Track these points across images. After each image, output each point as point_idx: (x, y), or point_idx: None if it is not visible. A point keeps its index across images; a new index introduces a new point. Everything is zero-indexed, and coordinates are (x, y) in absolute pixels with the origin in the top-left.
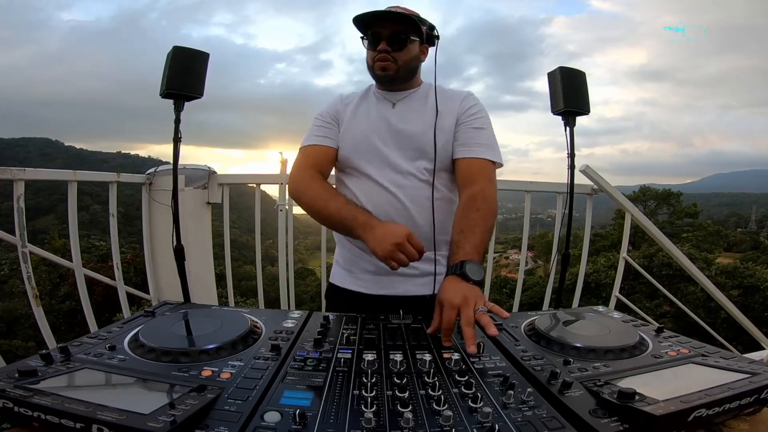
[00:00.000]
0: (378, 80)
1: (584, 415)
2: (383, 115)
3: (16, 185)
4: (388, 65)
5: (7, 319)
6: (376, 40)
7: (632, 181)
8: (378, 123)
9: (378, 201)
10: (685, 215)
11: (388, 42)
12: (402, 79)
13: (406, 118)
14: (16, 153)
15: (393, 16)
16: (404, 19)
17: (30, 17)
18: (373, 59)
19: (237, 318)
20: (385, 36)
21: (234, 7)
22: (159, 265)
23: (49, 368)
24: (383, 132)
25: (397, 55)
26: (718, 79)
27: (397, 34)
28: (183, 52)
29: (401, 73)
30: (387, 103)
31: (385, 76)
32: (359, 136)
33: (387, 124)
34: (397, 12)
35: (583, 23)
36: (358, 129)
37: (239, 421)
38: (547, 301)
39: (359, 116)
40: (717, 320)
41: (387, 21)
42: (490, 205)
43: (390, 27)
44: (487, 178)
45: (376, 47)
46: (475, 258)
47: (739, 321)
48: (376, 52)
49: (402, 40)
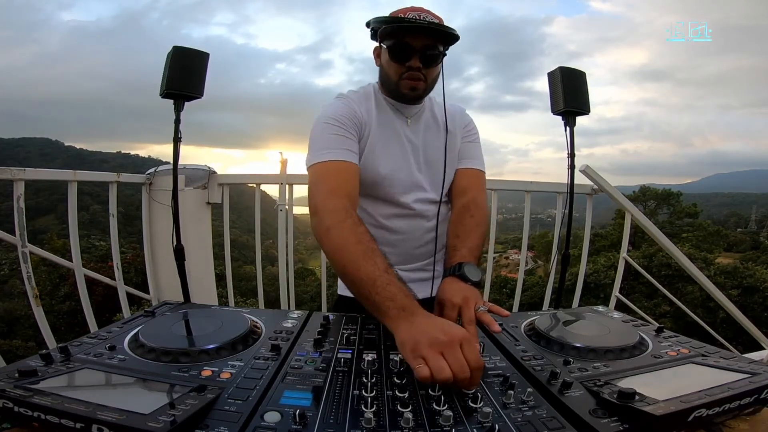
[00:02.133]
0: (402, 99)
1: (584, 415)
2: (404, 135)
3: (16, 185)
4: (418, 85)
5: (7, 319)
6: (405, 54)
7: (632, 181)
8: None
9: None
10: (685, 215)
11: (421, 58)
12: (424, 98)
13: (424, 138)
14: (16, 153)
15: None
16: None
17: (30, 17)
18: (399, 75)
19: (237, 318)
20: (418, 50)
21: (235, 6)
22: (159, 265)
23: (49, 368)
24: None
25: (428, 72)
26: (719, 79)
27: (430, 47)
28: (183, 52)
29: (428, 91)
30: (402, 118)
31: (414, 96)
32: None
33: (411, 146)
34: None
35: (584, 23)
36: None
37: (239, 421)
38: (547, 301)
39: (385, 133)
40: (716, 320)
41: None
42: (483, 213)
43: (423, 40)
44: (479, 187)
45: (405, 62)
46: (471, 261)
47: (739, 321)
48: (405, 68)
49: (436, 57)
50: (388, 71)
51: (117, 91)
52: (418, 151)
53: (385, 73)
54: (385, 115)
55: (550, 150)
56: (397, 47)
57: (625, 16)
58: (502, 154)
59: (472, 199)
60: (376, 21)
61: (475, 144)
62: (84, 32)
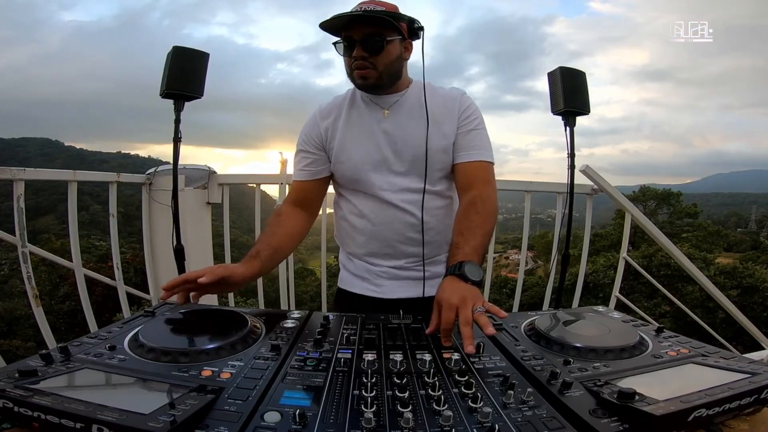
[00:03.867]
0: (360, 89)
1: (584, 415)
2: (378, 127)
3: (16, 185)
4: (367, 73)
5: (7, 319)
6: (349, 46)
7: (633, 181)
8: (375, 137)
9: (385, 217)
10: (685, 215)
11: (363, 47)
12: (387, 85)
13: (403, 128)
14: (16, 153)
15: (360, 19)
16: (374, 20)
17: (31, 16)
18: (351, 67)
19: (237, 318)
20: (358, 40)
21: (236, 6)
22: (159, 265)
23: (49, 368)
24: (383, 146)
25: (375, 60)
26: (720, 79)
27: (371, 36)
28: (183, 52)
29: (384, 79)
30: (378, 110)
31: (367, 85)
32: (359, 155)
33: (386, 137)
34: (363, 13)
35: (585, 23)
36: (356, 146)
37: (239, 421)
38: (547, 301)
39: (352, 130)
40: (716, 320)
41: (357, 23)
42: (490, 208)
43: (362, 29)
44: (486, 180)
45: (351, 53)
46: (474, 259)
47: (739, 321)
48: (352, 58)
49: (377, 42)
50: (344, 66)
51: (117, 91)
52: (395, 142)
53: (345, 69)
54: (358, 112)
55: (550, 150)
56: (342, 41)
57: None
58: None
59: (479, 194)
60: (321, 23)
61: (477, 132)
62: (85, 32)
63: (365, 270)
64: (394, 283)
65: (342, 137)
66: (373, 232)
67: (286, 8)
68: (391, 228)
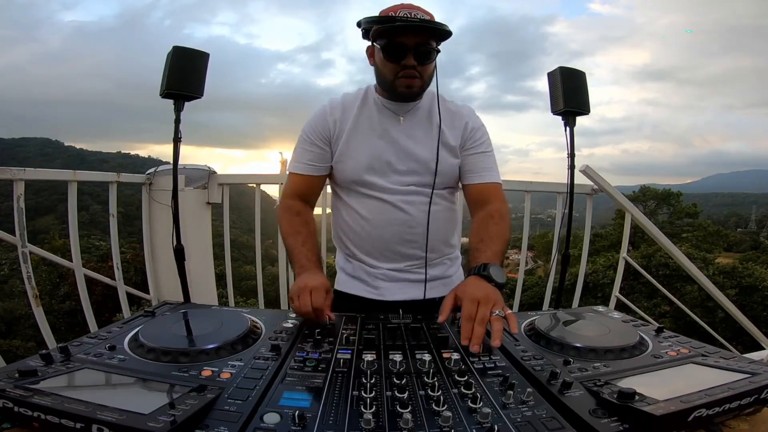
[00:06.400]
0: (399, 97)
1: (584, 415)
2: (390, 134)
3: (16, 185)
4: (414, 83)
5: (7, 319)
6: (399, 53)
7: (633, 181)
8: (386, 142)
9: (385, 219)
10: (685, 215)
11: (415, 56)
12: (422, 95)
13: (415, 137)
14: (16, 153)
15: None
16: (428, 29)
17: (32, 16)
18: (395, 74)
19: (237, 318)
20: (411, 48)
21: (237, 6)
22: (159, 265)
23: (49, 368)
24: (392, 152)
25: (422, 70)
26: (720, 79)
27: (424, 45)
28: (183, 52)
29: (424, 89)
30: (393, 117)
31: (411, 94)
32: (363, 157)
33: (396, 145)
34: (433, 24)
35: (586, 23)
36: (362, 148)
37: (239, 422)
38: (547, 301)
39: (362, 131)
40: (715, 320)
41: (410, 31)
42: (507, 223)
43: (416, 37)
44: (501, 199)
45: (399, 61)
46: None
47: (739, 321)
48: (400, 66)
49: (429, 53)
50: (383, 70)
51: (117, 91)
52: (403, 147)
53: (380, 72)
54: (368, 115)
55: (551, 150)
56: (390, 46)
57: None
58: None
59: (497, 209)
60: (368, 21)
61: (488, 155)
62: (85, 32)
63: (363, 272)
64: (392, 285)
65: (348, 137)
66: (372, 234)
67: (287, 8)
68: (391, 230)
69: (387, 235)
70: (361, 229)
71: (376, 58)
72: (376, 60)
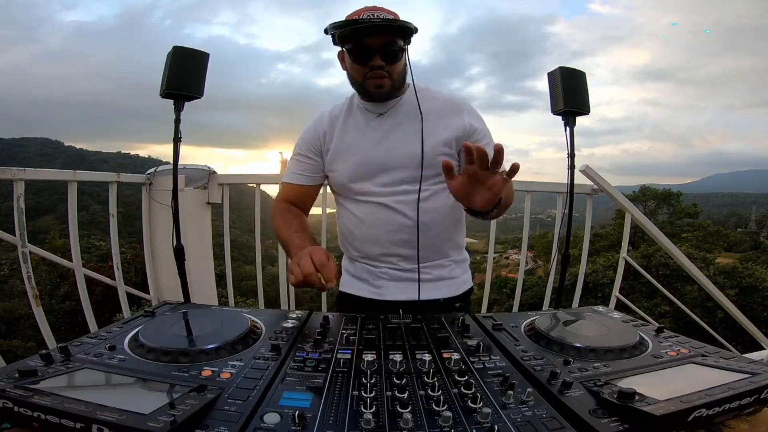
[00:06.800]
0: (371, 98)
1: (584, 415)
2: (376, 134)
3: (16, 185)
4: (383, 82)
5: (7, 319)
6: (366, 54)
7: (633, 181)
8: (372, 144)
9: (379, 219)
10: (685, 215)
11: (381, 56)
12: (396, 93)
13: (401, 134)
14: (16, 153)
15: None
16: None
17: (32, 16)
18: (364, 75)
19: (237, 318)
20: (377, 49)
21: (238, 6)
22: (159, 265)
23: (49, 368)
24: (380, 151)
25: (391, 69)
26: (721, 79)
27: (389, 44)
28: (183, 52)
29: (396, 86)
30: (373, 116)
31: (381, 93)
32: (351, 163)
33: (381, 144)
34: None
35: (586, 22)
36: (349, 155)
37: (239, 422)
38: (547, 301)
39: (349, 138)
40: (714, 320)
41: (374, 32)
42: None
43: (381, 38)
44: None
45: (366, 62)
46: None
47: (739, 321)
48: (368, 67)
49: (396, 52)
50: (353, 73)
51: (117, 91)
52: (390, 144)
53: (350, 75)
54: (354, 121)
55: (551, 150)
56: (357, 49)
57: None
58: None
59: None
60: (333, 26)
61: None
62: (85, 32)
63: (366, 272)
64: (393, 285)
65: (336, 146)
66: (368, 235)
67: (287, 8)
68: (386, 230)
69: (383, 236)
70: (359, 232)
71: (347, 62)
72: (347, 63)
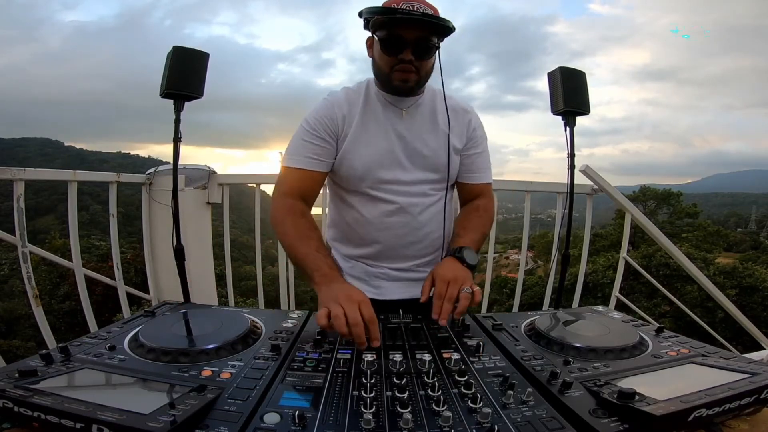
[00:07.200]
0: (394, 91)
1: (584, 415)
2: (394, 129)
3: (16, 185)
4: (410, 76)
5: (7, 319)
6: (397, 46)
7: (633, 181)
8: (390, 138)
9: (390, 219)
10: (685, 215)
11: (413, 50)
12: (418, 90)
13: (420, 135)
14: (16, 153)
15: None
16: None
17: (32, 16)
18: (391, 67)
19: (237, 318)
20: (410, 42)
21: (238, 6)
22: (159, 265)
23: (49, 368)
24: (396, 148)
25: (420, 65)
26: (721, 79)
27: (424, 39)
28: (183, 52)
29: (422, 83)
30: (395, 111)
31: (406, 88)
32: (371, 155)
33: (403, 140)
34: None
35: (586, 22)
36: (370, 146)
37: (239, 422)
38: (547, 301)
39: (367, 128)
40: (715, 320)
41: (411, 24)
42: (490, 216)
43: (416, 31)
44: (489, 196)
45: (397, 54)
46: (472, 248)
47: (740, 321)
48: (397, 60)
49: (429, 48)
50: (380, 63)
51: (117, 91)
52: (409, 145)
53: (377, 64)
54: (373, 110)
55: (551, 150)
56: (389, 39)
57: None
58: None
59: (482, 204)
60: (369, 11)
61: (481, 154)
62: (86, 32)
63: (363, 272)
64: (392, 285)
65: (355, 134)
66: (375, 235)
67: (287, 8)
68: (396, 234)
69: (392, 239)
70: (365, 232)
71: (374, 50)
72: (374, 52)
